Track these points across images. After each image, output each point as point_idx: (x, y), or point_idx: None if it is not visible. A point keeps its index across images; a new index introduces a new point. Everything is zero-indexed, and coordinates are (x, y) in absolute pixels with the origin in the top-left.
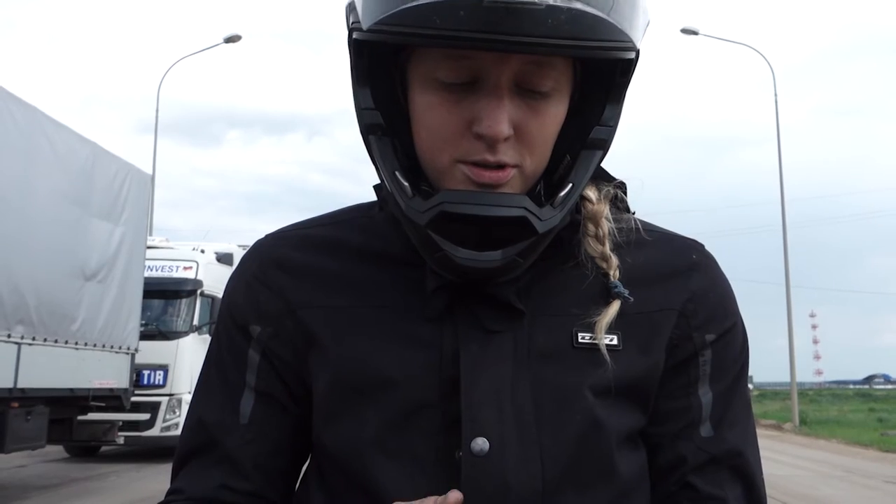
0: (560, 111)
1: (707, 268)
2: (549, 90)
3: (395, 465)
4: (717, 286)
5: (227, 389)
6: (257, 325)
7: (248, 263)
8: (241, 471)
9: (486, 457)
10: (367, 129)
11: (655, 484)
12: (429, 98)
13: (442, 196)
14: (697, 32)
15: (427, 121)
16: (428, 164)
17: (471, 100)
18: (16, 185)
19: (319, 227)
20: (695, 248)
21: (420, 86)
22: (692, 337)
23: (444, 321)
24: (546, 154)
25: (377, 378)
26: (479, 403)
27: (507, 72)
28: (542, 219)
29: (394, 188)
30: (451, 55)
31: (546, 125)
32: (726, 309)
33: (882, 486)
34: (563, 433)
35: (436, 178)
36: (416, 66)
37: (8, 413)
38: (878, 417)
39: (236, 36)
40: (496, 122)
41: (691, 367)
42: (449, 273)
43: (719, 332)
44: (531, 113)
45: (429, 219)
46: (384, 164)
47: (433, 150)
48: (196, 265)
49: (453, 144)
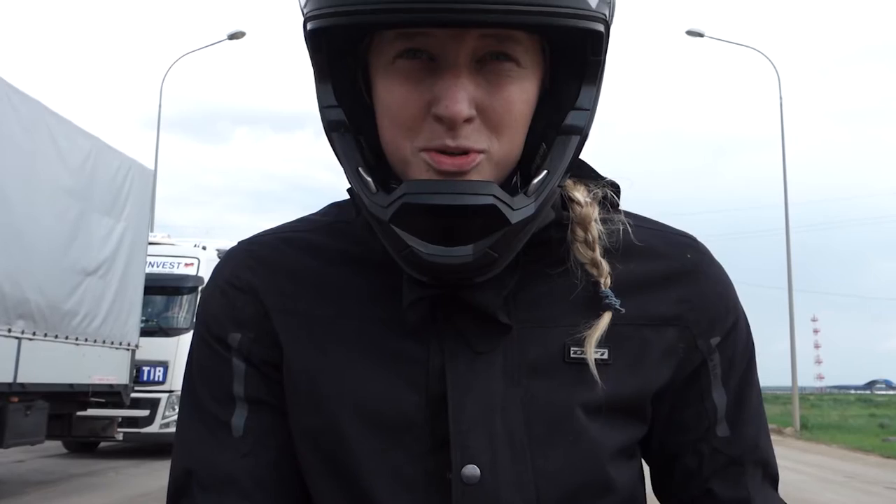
0: (528, 91)
1: (703, 268)
2: (512, 67)
3: (384, 486)
4: (716, 286)
5: (215, 406)
6: (237, 332)
7: (220, 271)
8: (241, 491)
9: (478, 484)
10: (329, 127)
11: (677, 493)
12: (387, 83)
13: (404, 187)
14: (703, 35)
15: (387, 107)
16: (392, 156)
17: (429, 81)
18: (17, 179)
19: (295, 231)
20: (689, 246)
21: (379, 72)
22: (698, 346)
23: (429, 336)
24: (516, 138)
25: (357, 393)
26: (468, 428)
27: (464, 48)
28: (515, 208)
29: (357, 185)
30: (405, 34)
31: (512, 104)
32: (727, 307)
33: (883, 493)
34: (556, 454)
35: (401, 171)
36: (376, 54)
37: (7, 408)
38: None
39: (240, 32)
40: (454, 101)
41: (702, 373)
42: (418, 272)
43: (724, 333)
44: (494, 91)
45: (392, 213)
46: (347, 161)
47: (396, 140)
48: (198, 262)
49: (414, 130)
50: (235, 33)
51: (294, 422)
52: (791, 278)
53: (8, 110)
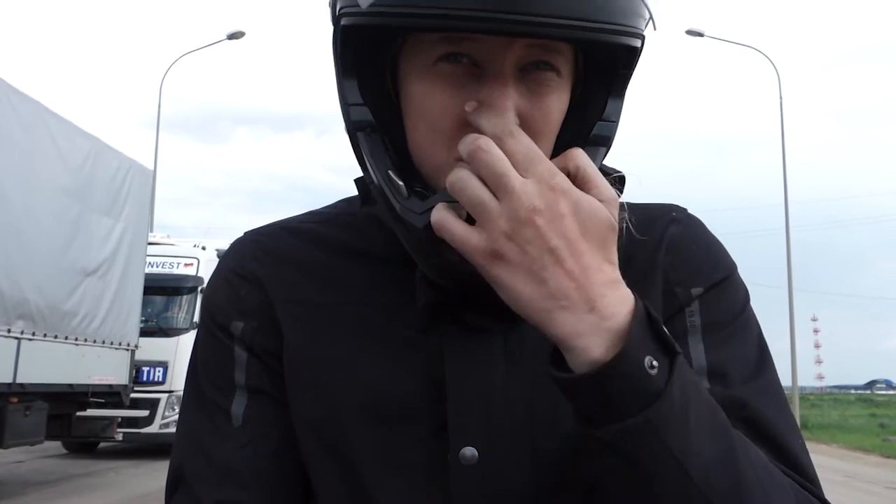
0: (563, 102)
1: (687, 222)
2: (553, 77)
3: (385, 471)
4: (700, 238)
5: (216, 395)
6: (240, 321)
7: (225, 261)
8: (239, 482)
9: (476, 466)
10: (354, 126)
11: None
12: (426, 87)
13: (443, 196)
14: (703, 34)
15: (424, 111)
16: (424, 161)
17: (472, 87)
18: (16, 179)
19: (300, 223)
20: (674, 208)
21: (416, 75)
22: (675, 293)
23: (430, 323)
24: (549, 147)
25: (359, 381)
26: (466, 410)
27: (511, 56)
28: None
29: (388, 188)
30: (450, 38)
31: (551, 115)
32: (715, 262)
33: (883, 492)
34: (557, 435)
35: (432, 176)
36: (411, 54)
37: (7, 408)
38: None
39: (239, 32)
40: (502, 110)
41: (677, 321)
42: (446, 280)
43: (707, 285)
44: (535, 100)
45: (427, 221)
46: (376, 164)
47: (430, 146)
48: (197, 262)
49: (453, 138)
50: (235, 33)
51: (295, 410)
52: (791, 278)
53: (7, 110)
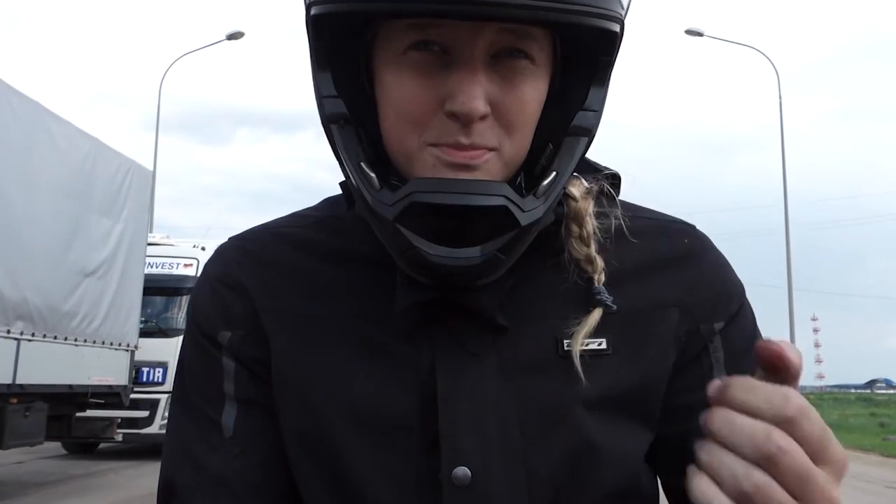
0: (540, 90)
1: (702, 252)
2: (527, 64)
3: (376, 488)
4: (716, 270)
5: (205, 405)
6: (227, 330)
7: (210, 269)
8: (232, 493)
9: (469, 487)
10: (328, 119)
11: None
12: (396, 76)
13: (412, 185)
14: (702, 34)
15: (395, 100)
16: (396, 151)
17: (443, 75)
18: (16, 179)
19: (286, 226)
20: (685, 231)
21: (387, 64)
22: (700, 329)
23: (421, 336)
24: (526, 138)
25: (347, 394)
26: (459, 430)
27: (481, 42)
28: (525, 209)
29: (359, 181)
30: (418, 24)
31: (525, 103)
32: (730, 292)
33: (884, 492)
34: (551, 453)
35: (405, 166)
36: (383, 44)
37: (6, 409)
38: (880, 422)
39: (239, 33)
40: (471, 97)
41: (703, 358)
42: (422, 274)
43: (727, 318)
44: (509, 89)
45: (398, 212)
46: (348, 155)
47: (401, 134)
48: (197, 262)
49: (424, 125)
50: (234, 33)
51: (284, 422)
52: (791, 278)
53: (7, 111)
